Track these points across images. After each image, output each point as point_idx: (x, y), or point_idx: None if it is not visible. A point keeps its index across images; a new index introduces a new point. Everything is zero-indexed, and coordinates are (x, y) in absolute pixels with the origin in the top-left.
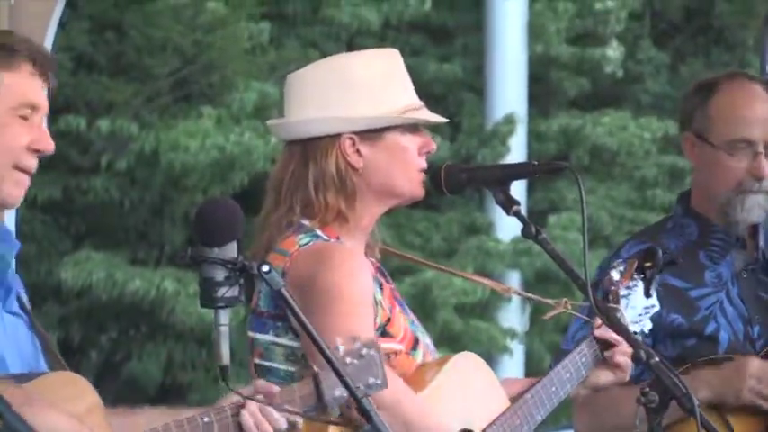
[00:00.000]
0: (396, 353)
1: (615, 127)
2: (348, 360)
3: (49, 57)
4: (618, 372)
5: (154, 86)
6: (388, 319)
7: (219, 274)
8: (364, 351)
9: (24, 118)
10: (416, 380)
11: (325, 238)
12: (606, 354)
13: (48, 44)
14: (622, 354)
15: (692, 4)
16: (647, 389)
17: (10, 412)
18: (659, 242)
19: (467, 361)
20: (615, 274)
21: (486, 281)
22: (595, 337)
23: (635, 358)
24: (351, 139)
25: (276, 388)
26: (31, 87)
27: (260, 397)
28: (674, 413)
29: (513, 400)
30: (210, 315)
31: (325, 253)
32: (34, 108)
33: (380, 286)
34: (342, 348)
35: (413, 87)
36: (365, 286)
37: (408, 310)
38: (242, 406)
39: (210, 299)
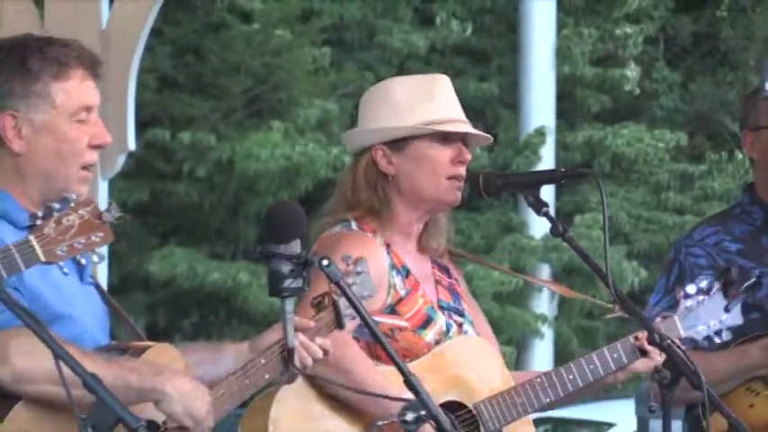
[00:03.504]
0: (400, 329)
1: (633, 138)
2: (350, 281)
3: (95, 55)
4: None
5: (229, 103)
6: (400, 300)
7: (285, 267)
8: (359, 269)
9: (82, 121)
10: (416, 353)
11: (355, 228)
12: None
13: (135, 67)
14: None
15: (701, 30)
16: (662, 368)
17: (103, 389)
18: (727, 226)
19: (468, 343)
20: (691, 288)
21: (553, 286)
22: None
23: (653, 342)
24: (381, 149)
25: (310, 323)
26: (85, 91)
27: (300, 334)
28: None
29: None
30: (278, 303)
31: (340, 238)
32: (89, 108)
33: (407, 273)
34: (342, 270)
35: (456, 106)
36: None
37: (460, 301)
38: (284, 344)
39: (278, 289)
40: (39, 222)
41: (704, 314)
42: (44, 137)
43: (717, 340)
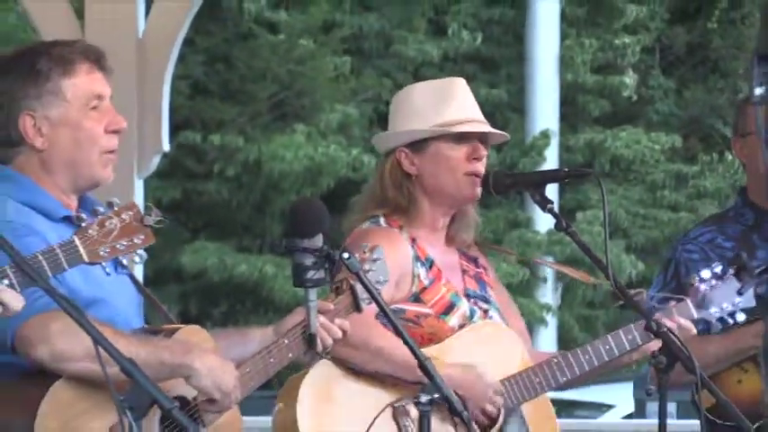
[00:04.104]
0: (425, 315)
1: (631, 140)
2: (367, 267)
3: (99, 49)
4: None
5: (256, 108)
6: (423, 288)
7: (308, 260)
8: (375, 256)
9: (95, 108)
10: (440, 337)
11: (383, 224)
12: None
13: (169, 74)
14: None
15: (694, 40)
16: (658, 353)
17: (139, 372)
18: (721, 227)
19: (489, 328)
20: (706, 273)
21: (575, 273)
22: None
23: (649, 329)
24: (404, 151)
25: (330, 305)
26: (93, 82)
27: (321, 316)
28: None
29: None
30: (302, 293)
31: (368, 233)
32: (100, 97)
33: (431, 265)
34: (358, 257)
35: (471, 107)
36: (391, 260)
37: (487, 289)
38: (306, 324)
39: (301, 280)
40: (84, 224)
41: (717, 297)
42: (62, 129)
43: (730, 321)
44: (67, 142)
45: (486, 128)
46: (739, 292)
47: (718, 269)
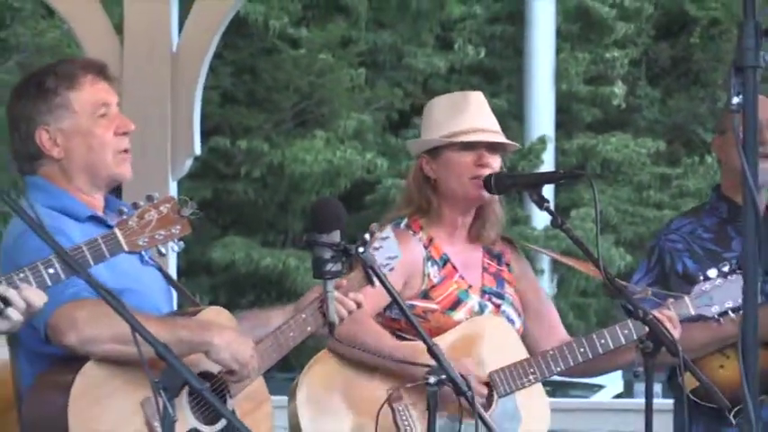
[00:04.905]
0: (432, 311)
1: (620, 145)
2: (377, 245)
3: (101, 62)
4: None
5: (280, 115)
6: (433, 286)
7: (327, 253)
8: (384, 235)
9: (103, 116)
10: (446, 331)
11: (402, 227)
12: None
13: (200, 84)
14: (669, 327)
15: (677, 54)
16: (645, 338)
17: (172, 356)
18: (699, 219)
19: (486, 322)
20: (712, 273)
21: (577, 264)
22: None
23: (636, 316)
24: (424, 158)
25: (343, 281)
26: (98, 92)
27: (336, 291)
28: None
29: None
30: (321, 284)
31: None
32: (106, 104)
33: (444, 263)
34: (368, 241)
35: (483, 118)
36: (382, 254)
37: (504, 286)
38: (323, 299)
39: (320, 272)
40: (124, 216)
41: (719, 295)
42: (75, 138)
43: (733, 316)
44: (82, 149)
45: (490, 137)
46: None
47: (726, 269)
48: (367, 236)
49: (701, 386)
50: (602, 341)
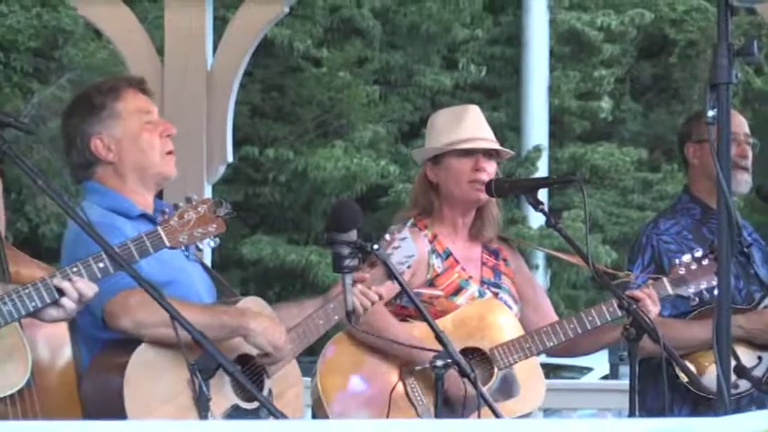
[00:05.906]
0: (437, 297)
1: (606, 154)
2: (396, 244)
3: (140, 77)
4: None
5: (303, 127)
6: (437, 275)
7: (345, 250)
8: (403, 236)
9: (149, 122)
10: (445, 313)
11: (408, 225)
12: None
13: (232, 99)
14: (649, 303)
15: (658, 72)
16: (629, 326)
17: (207, 342)
18: (678, 220)
19: (486, 304)
20: (687, 258)
21: (572, 258)
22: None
23: (621, 306)
24: (428, 165)
25: (365, 275)
26: (139, 101)
27: (360, 285)
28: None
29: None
30: (340, 277)
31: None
32: (149, 112)
33: (447, 256)
34: (386, 242)
35: (479, 128)
36: (401, 253)
37: (501, 278)
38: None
39: (339, 267)
40: (166, 216)
41: (694, 277)
42: (125, 142)
43: (707, 296)
44: (132, 150)
45: (486, 144)
46: (716, 273)
47: (698, 254)
48: (387, 236)
49: (687, 375)
50: (590, 318)
